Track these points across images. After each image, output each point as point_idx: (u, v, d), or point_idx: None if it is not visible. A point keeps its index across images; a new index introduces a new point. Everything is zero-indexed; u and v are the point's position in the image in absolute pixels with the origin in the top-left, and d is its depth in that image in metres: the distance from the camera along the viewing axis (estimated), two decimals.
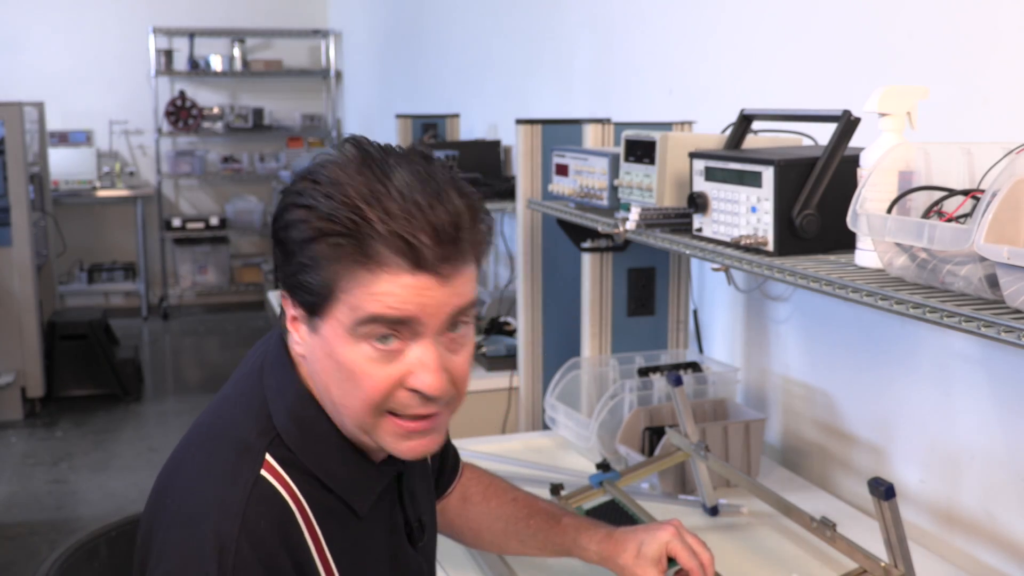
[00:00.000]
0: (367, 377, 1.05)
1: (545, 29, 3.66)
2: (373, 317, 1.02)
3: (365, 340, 1.04)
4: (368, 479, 1.15)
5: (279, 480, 1.08)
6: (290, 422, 1.10)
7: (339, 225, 1.00)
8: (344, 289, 1.02)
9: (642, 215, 1.79)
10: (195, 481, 1.09)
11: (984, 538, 1.70)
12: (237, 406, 1.14)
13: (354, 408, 1.07)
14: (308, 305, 1.06)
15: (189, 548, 1.03)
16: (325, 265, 1.02)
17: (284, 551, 1.05)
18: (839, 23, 2.02)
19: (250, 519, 1.04)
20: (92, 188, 7.38)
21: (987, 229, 1.06)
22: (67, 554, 1.40)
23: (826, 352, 2.11)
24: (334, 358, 1.05)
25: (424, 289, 1.02)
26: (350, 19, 7.48)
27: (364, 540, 1.16)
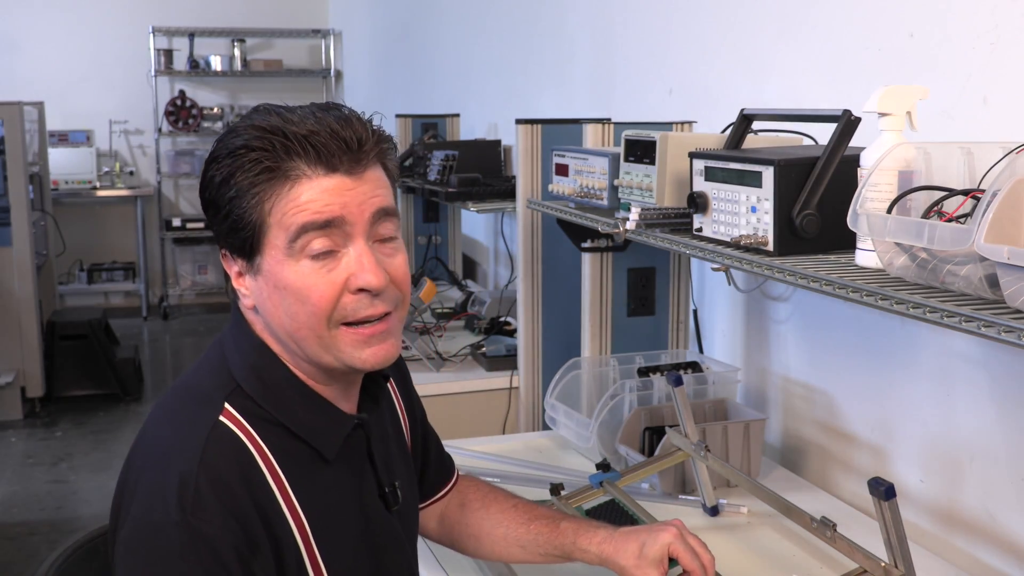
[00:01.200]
0: (313, 289, 1.11)
1: (545, 29, 3.66)
2: (304, 226, 1.10)
3: (303, 256, 1.11)
4: (331, 422, 1.20)
5: (238, 426, 1.13)
6: (249, 372, 1.17)
7: (253, 151, 1.09)
8: (271, 212, 1.10)
9: (642, 215, 1.79)
10: (160, 431, 1.16)
11: (984, 538, 1.70)
12: (200, 368, 1.22)
13: (310, 327, 1.13)
14: (245, 246, 1.13)
15: (153, 488, 1.09)
16: (248, 193, 1.10)
17: (243, 489, 1.10)
18: (839, 23, 2.02)
19: (208, 459, 1.09)
20: (92, 188, 7.38)
21: (987, 229, 1.06)
22: (67, 554, 1.40)
23: (826, 352, 2.11)
24: (280, 286, 1.12)
25: (342, 189, 1.11)
26: (350, 19, 7.48)
27: (333, 488, 1.19)
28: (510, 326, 3.20)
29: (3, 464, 4.65)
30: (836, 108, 1.52)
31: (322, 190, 1.10)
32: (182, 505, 1.06)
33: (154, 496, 1.09)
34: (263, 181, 1.10)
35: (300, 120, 1.11)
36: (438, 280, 3.89)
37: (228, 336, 1.22)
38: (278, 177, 1.10)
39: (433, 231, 4.21)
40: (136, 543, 1.08)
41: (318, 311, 1.12)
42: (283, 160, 1.10)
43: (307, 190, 1.10)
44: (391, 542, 1.29)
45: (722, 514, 1.86)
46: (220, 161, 1.12)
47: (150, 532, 1.07)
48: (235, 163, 1.11)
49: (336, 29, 7.89)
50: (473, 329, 3.28)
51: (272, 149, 1.10)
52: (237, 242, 1.14)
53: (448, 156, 3.36)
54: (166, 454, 1.12)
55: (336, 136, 1.11)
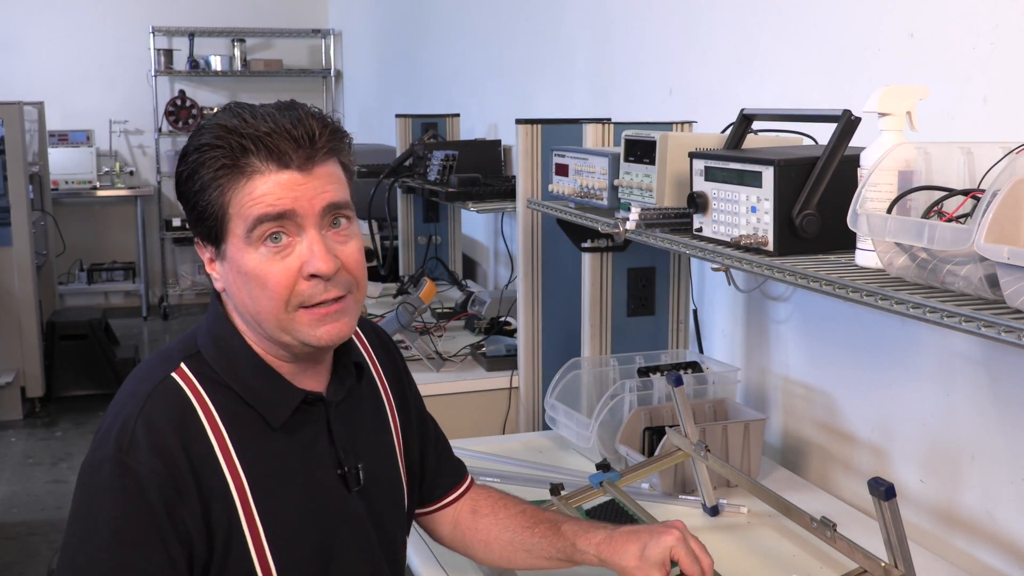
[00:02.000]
0: (270, 274, 1.21)
1: (545, 29, 3.66)
2: (259, 217, 1.19)
3: (261, 244, 1.21)
4: (279, 392, 1.28)
5: (187, 383, 1.24)
6: (208, 339, 1.28)
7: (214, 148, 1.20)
8: (230, 203, 1.20)
9: (642, 215, 1.79)
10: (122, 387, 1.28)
11: (984, 538, 1.70)
12: (172, 341, 1.33)
13: (269, 309, 1.22)
14: (211, 235, 1.23)
15: (103, 431, 1.22)
16: (210, 187, 1.20)
17: (176, 436, 1.20)
18: (839, 23, 2.02)
19: (149, 406, 1.20)
20: (92, 188, 7.38)
21: (987, 229, 1.06)
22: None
23: (826, 352, 2.11)
24: (242, 271, 1.22)
25: (294, 184, 1.20)
26: (350, 19, 7.48)
27: (280, 455, 1.27)
28: (510, 326, 3.20)
29: (3, 464, 4.66)
30: (836, 108, 1.52)
31: (275, 184, 1.20)
32: (119, 444, 1.18)
33: (100, 438, 1.21)
34: (223, 176, 1.20)
35: (258, 120, 1.20)
36: (438, 280, 3.89)
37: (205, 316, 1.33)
38: (236, 172, 1.20)
39: (433, 231, 4.21)
40: (81, 480, 1.21)
41: (276, 295, 1.21)
42: (240, 157, 1.20)
43: (261, 184, 1.20)
44: (347, 521, 1.32)
45: (722, 514, 1.86)
46: (187, 157, 1.23)
47: (92, 469, 1.19)
48: (199, 159, 1.21)
49: (336, 29, 7.89)
50: (473, 329, 3.28)
51: (230, 147, 1.19)
52: (204, 231, 1.24)
53: (448, 156, 3.36)
54: (119, 405, 1.24)
55: (288, 135, 1.20)
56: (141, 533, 1.15)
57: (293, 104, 1.25)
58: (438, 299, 3.34)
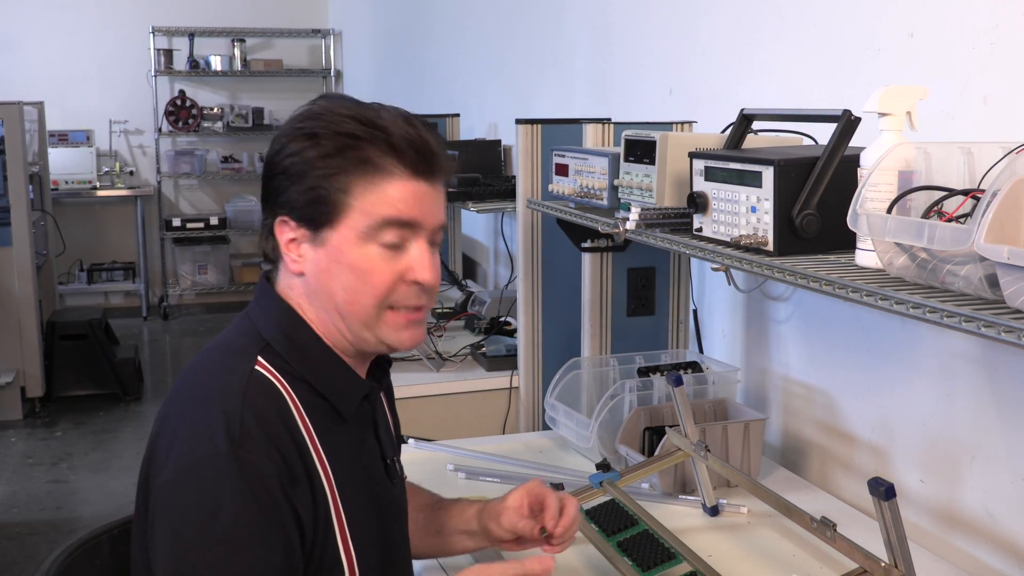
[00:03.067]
0: (377, 273, 1.22)
1: (545, 29, 3.66)
2: (388, 220, 1.21)
3: (374, 243, 1.21)
4: (349, 383, 1.29)
5: (272, 375, 1.22)
6: (277, 332, 1.26)
7: (358, 139, 1.20)
8: (357, 196, 1.20)
9: (642, 215, 1.79)
10: (198, 379, 1.24)
11: (984, 538, 1.70)
12: (228, 334, 1.30)
13: (363, 304, 1.23)
14: (318, 219, 1.21)
15: (198, 427, 1.16)
16: (340, 175, 1.20)
17: (283, 426, 1.18)
18: (839, 23, 2.02)
19: (250, 397, 1.18)
20: (92, 188, 7.37)
21: (987, 229, 1.06)
22: (67, 554, 1.40)
23: (826, 352, 2.11)
24: (343, 262, 1.22)
25: (424, 195, 1.23)
26: (350, 19, 7.48)
27: (348, 446, 1.28)
28: (510, 326, 3.20)
29: (3, 464, 4.66)
30: (836, 108, 1.52)
31: (409, 191, 1.22)
32: (230, 438, 1.13)
33: (199, 435, 1.15)
34: (359, 169, 1.20)
35: (395, 121, 1.22)
36: None
37: (254, 306, 1.30)
38: (374, 170, 1.21)
39: None
40: (184, 480, 1.14)
41: (377, 293, 1.23)
42: (383, 156, 1.21)
43: (397, 189, 1.21)
44: (394, 510, 1.36)
45: (722, 514, 1.86)
46: (319, 138, 1.21)
47: (199, 467, 1.14)
48: (337, 145, 1.20)
49: (336, 29, 7.89)
50: (473, 329, 3.28)
51: (374, 142, 1.20)
52: (310, 213, 1.22)
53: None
54: (207, 398, 1.19)
55: (427, 147, 1.23)
56: (267, 524, 1.13)
57: (409, 113, 1.26)
58: (438, 299, 3.33)
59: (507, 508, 1.46)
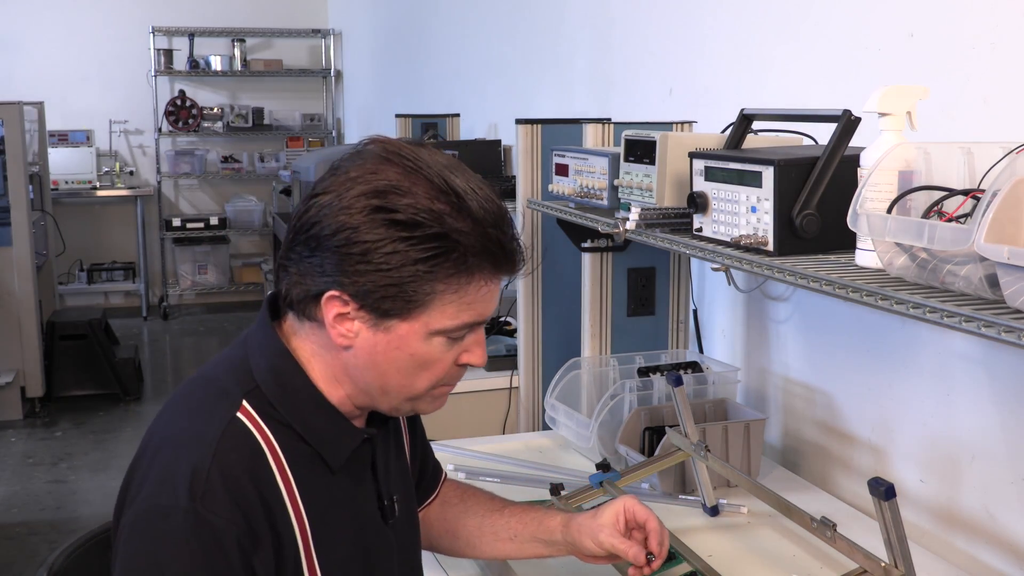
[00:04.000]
0: (438, 363, 1.19)
1: (545, 29, 3.66)
2: (467, 325, 1.17)
3: (442, 337, 1.17)
4: (342, 434, 1.23)
5: (253, 423, 1.16)
6: (269, 376, 1.19)
7: (458, 247, 1.11)
8: (440, 299, 1.14)
9: (642, 215, 1.79)
10: (177, 418, 1.20)
11: (984, 538, 1.70)
12: (220, 364, 1.24)
13: (416, 388, 1.20)
14: (390, 311, 1.14)
15: (165, 474, 1.13)
16: (426, 279, 1.12)
17: (252, 485, 1.13)
18: (839, 23, 2.02)
19: (222, 451, 1.13)
20: (92, 188, 7.38)
21: (987, 229, 1.06)
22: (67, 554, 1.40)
23: (826, 352, 2.11)
24: (406, 351, 1.16)
25: (497, 293, 1.19)
26: (350, 19, 7.48)
27: (336, 495, 1.23)
28: (510, 326, 3.20)
29: (3, 464, 4.65)
30: (836, 108, 1.52)
31: (489, 292, 1.17)
32: (192, 492, 1.10)
33: (165, 482, 1.12)
34: (453, 274, 1.13)
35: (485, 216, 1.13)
36: None
37: (252, 338, 1.24)
38: (468, 277, 1.14)
39: None
40: (142, 525, 1.12)
41: (434, 380, 1.21)
42: (481, 265, 1.14)
43: (483, 292, 1.16)
44: (384, 553, 1.31)
45: (722, 514, 1.86)
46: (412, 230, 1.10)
47: (157, 515, 1.11)
48: (434, 248, 1.11)
49: (336, 29, 7.89)
50: None
51: (474, 251, 1.13)
52: (382, 304, 1.14)
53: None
54: (181, 443, 1.15)
55: (513, 246, 1.17)
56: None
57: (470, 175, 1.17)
58: None
59: (604, 527, 1.40)
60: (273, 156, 7.81)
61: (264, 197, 7.87)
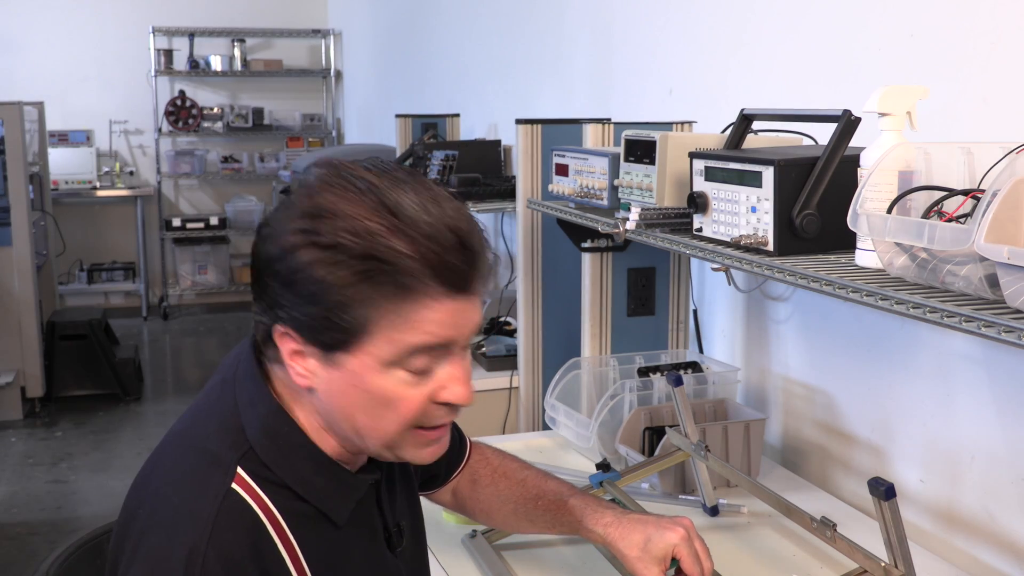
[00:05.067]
0: (403, 400, 1.06)
1: (545, 29, 3.66)
2: (416, 348, 1.03)
3: (399, 368, 1.04)
4: (344, 489, 1.15)
5: (250, 493, 1.07)
6: (263, 435, 1.10)
7: (385, 265, 0.99)
8: (380, 324, 1.01)
9: (642, 215, 1.79)
10: (167, 492, 1.09)
11: (984, 538, 1.70)
12: (210, 417, 1.14)
13: (386, 431, 1.08)
14: (331, 344, 1.03)
15: (158, 557, 1.04)
16: (359, 304, 1.00)
17: (253, 564, 1.05)
18: (839, 23, 2.02)
19: (219, 531, 1.04)
20: (92, 188, 7.38)
21: (987, 229, 1.06)
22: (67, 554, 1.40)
23: (826, 352, 2.11)
24: (362, 388, 1.05)
25: (459, 312, 1.04)
26: (350, 19, 7.48)
27: (342, 548, 1.15)
28: (510, 326, 3.20)
29: (3, 464, 4.65)
30: (836, 108, 1.52)
31: (444, 313, 1.03)
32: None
33: (158, 565, 1.04)
34: (386, 296, 1.01)
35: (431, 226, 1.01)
36: None
37: (242, 386, 1.13)
38: (405, 296, 1.01)
39: None
40: None
41: (403, 421, 1.07)
42: (417, 277, 1.00)
43: (429, 313, 1.02)
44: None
45: (722, 514, 1.86)
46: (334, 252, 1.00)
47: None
48: (364, 269, 1.00)
49: (336, 29, 7.89)
50: None
51: (406, 267, 1.00)
52: (320, 337, 1.04)
53: (448, 156, 3.36)
54: (174, 522, 1.06)
55: (475, 259, 1.04)
56: None
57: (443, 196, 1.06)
58: None
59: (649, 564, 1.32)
60: (273, 156, 7.81)
61: (264, 197, 7.87)
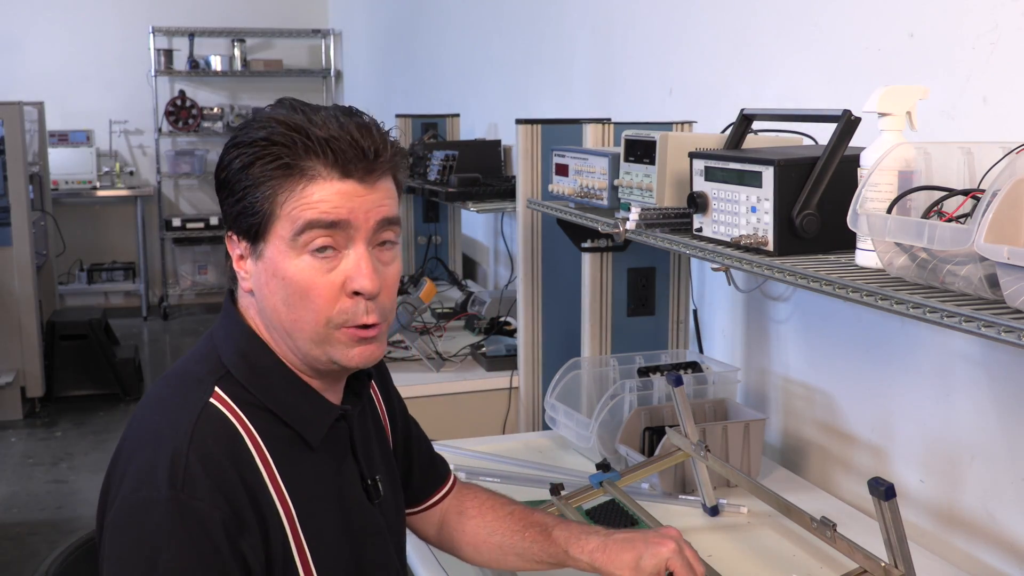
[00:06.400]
0: (313, 287, 1.16)
1: (545, 29, 3.66)
2: (310, 223, 1.15)
3: (306, 251, 1.16)
4: (316, 410, 1.23)
5: (227, 408, 1.17)
6: (238, 357, 1.21)
7: (274, 145, 1.15)
8: (281, 204, 1.15)
9: (642, 215, 1.79)
10: (150, 415, 1.19)
11: (984, 538, 1.70)
12: (189, 358, 1.25)
13: (307, 322, 1.17)
14: (251, 230, 1.17)
15: (144, 468, 1.12)
16: (264, 184, 1.15)
17: (233, 469, 1.13)
18: (839, 23, 2.02)
19: (198, 436, 1.12)
20: (92, 188, 7.38)
21: (987, 229, 1.06)
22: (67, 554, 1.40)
23: (826, 352, 2.11)
24: (280, 276, 1.17)
25: (352, 195, 1.16)
26: (350, 19, 7.48)
27: (316, 474, 1.22)
28: (510, 326, 3.20)
29: (3, 464, 4.66)
30: (836, 108, 1.52)
31: (334, 192, 1.15)
32: (172, 482, 1.09)
33: (144, 476, 1.11)
34: (279, 175, 1.15)
35: (323, 122, 1.16)
36: (438, 280, 3.89)
37: (218, 327, 1.25)
38: (294, 174, 1.15)
39: (433, 231, 4.21)
40: (125, 521, 1.11)
41: (318, 309, 1.17)
42: (302, 158, 1.15)
43: (319, 190, 1.15)
44: (374, 533, 1.30)
45: (722, 514, 1.86)
46: (241, 148, 1.17)
47: (139, 510, 1.10)
48: (256, 153, 1.15)
49: (336, 29, 7.89)
50: (473, 329, 3.28)
51: (293, 146, 1.15)
52: (244, 226, 1.18)
53: (448, 156, 3.36)
54: (156, 436, 1.14)
55: (356, 144, 1.16)
56: (207, 573, 1.08)
57: (355, 111, 1.21)
58: (438, 299, 3.34)
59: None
60: None
61: None
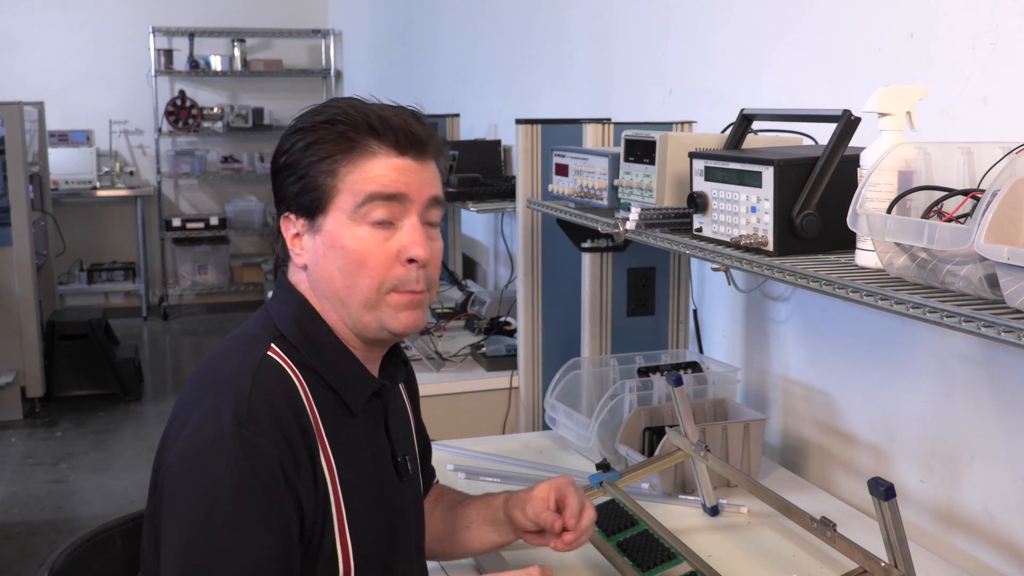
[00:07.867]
0: (371, 254, 1.25)
1: (545, 29, 3.66)
2: (371, 195, 1.25)
3: (364, 222, 1.25)
4: (360, 378, 1.31)
5: (284, 362, 1.25)
6: (291, 323, 1.29)
7: (337, 124, 1.26)
8: (343, 178, 1.25)
9: (642, 215, 1.79)
10: (211, 367, 1.26)
11: (984, 538, 1.70)
12: (246, 325, 1.33)
13: (362, 288, 1.26)
14: (311, 205, 1.26)
15: (208, 409, 1.19)
16: (327, 159, 1.25)
17: (291, 412, 1.20)
18: (839, 23, 2.02)
19: (260, 381, 1.20)
20: (92, 188, 7.38)
21: (987, 229, 1.06)
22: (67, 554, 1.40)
23: (826, 352, 2.11)
24: (338, 246, 1.25)
25: (408, 171, 1.27)
26: (350, 19, 7.48)
27: (356, 441, 1.30)
28: (510, 326, 3.20)
29: (3, 464, 4.66)
30: (836, 108, 1.52)
31: (392, 167, 1.26)
32: (237, 419, 1.16)
33: (208, 417, 1.18)
34: (342, 151, 1.25)
35: (378, 108, 1.28)
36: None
37: (273, 299, 1.34)
38: (356, 149, 1.26)
39: None
40: (191, 460, 1.16)
41: (374, 275, 1.25)
42: (363, 136, 1.26)
43: (379, 165, 1.26)
44: (402, 509, 1.36)
45: (722, 514, 1.86)
46: (304, 132, 1.27)
47: (205, 445, 1.16)
48: (320, 134, 1.26)
49: (336, 29, 7.89)
50: (473, 329, 3.28)
51: (355, 124, 1.26)
52: (305, 201, 1.27)
53: (448, 156, 3.35)
54: (219, 381, 1.21)
55: (409, 126, 1.28)
56: (268, 507, 1.15)
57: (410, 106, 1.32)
58: (438, 299, 3.34)
59: (534, 498, 1.49)
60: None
61: (264, 197, 7.86)
